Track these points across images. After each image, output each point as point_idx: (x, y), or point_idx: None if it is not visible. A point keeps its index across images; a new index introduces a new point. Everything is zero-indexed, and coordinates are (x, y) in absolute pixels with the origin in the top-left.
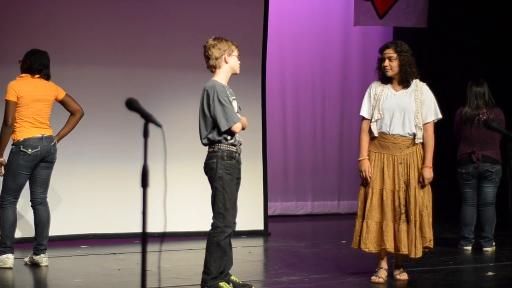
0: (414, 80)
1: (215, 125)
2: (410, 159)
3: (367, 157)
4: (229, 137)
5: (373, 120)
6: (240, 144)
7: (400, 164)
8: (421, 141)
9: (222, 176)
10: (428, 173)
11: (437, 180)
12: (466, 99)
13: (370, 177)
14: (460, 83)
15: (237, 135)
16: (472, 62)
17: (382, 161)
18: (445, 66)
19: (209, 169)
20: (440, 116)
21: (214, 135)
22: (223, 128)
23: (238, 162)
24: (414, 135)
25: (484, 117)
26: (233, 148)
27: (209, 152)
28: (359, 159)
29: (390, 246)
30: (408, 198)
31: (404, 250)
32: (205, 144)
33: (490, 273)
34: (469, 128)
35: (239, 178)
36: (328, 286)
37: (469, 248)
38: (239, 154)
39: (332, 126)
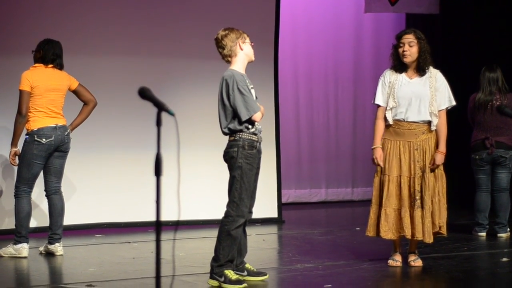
0: (430, 68)
1: (236, 115)
2: (426, 145)
3: (380, 145)
4: (250, 126)
5: (388, 108)
6: (261, 132)
7: (416, 150)
8: (435, 128)
9: (241, 166)
10: (440, 159)
11: (451, 166)
12: (479, 85)
13: (382, 165)
14: (473, 69)
15: (257, 123)
16: (485, 48)
17: (398, 148)
18: (458, 52)
19: (230, 157)
20: (454, 103)
21: (235, 125)
22: (244, 117)
23: (259, 152)
24: (429, 122)
25: (498, 103)
26: (254, 137)
27: (230, 141)
28: (372, 147)
29: (408, 233)
30: (423, 184)
31: (418, 236)
32: (225, 134)
33: (504, 259)
34: (483, 114)
35: (258, 168)
36: (342, 273)
37: (483, 234)
38: (260, 143)
39: (346, 113)
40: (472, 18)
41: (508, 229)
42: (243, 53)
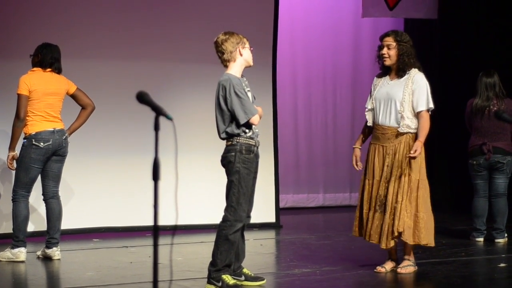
0: (411, 70)
1: (233, 118)
2: (397, 149)
3: (358, 146)
4: (247, 130)
5: (367, 109)
6: (258, 136)
7: (387, 154)
8: (408, 130)
9: (239, 170)
10: (417, 145)
11: (449, 171)
12: (476, 90)
13: (358, 167)
14: (471, 74)
15: (254, 126)
16: (483, 53)
17: (375, 152)
18: (456, 57)
19: (227, 162)
20: (431, 106)
21: (232, 129)
22: (242, 120)
23: (257, 156)
24: (399, 124)
25: (495, 108)
26: (251, 142)
27: (227, 146)
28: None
29: (369, 237)
30: (389, 188)
31: (373, 240)
32: (223, 138)
33: (502, 265)
34: (480, 119)
35: (256, 172)
36: (340, 278)
37: (481, 239)
38: (257, 147)
39: (344, 118)
40: (470, 23)
41: (506, 235)
42: (242, 58)
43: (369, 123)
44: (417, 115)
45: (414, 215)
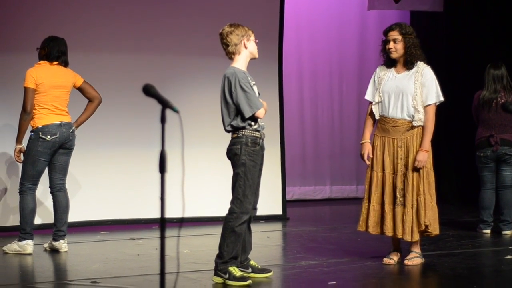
0: (418, 62)
1: (238, 112)
2: (410, 142)
3: (369, 140)
4: (253, 123)
5: (374, 103)
6: (263, 129)
7: (399, 147)
8: (420, 123)
9: (245, 162)
10: (422, 156)
11: (455, 163)
12: (484, 83)
13: (369, 161)
14: (477, 66)
15: (260, 119)
16: (490, 45)
17: (384, 144)
18: (463, 49)
19: (233, 154)
20: (441, 99)
21: (237, 122)
22: (247, 114)
23: (262, 148)
24: (413, 117)
25: (502, 101)
26: (257, 134)
27: (232, 138)
28: (360, 142)
29: (388, 230)
30: (406, 182)
31: (398, 234)
32: (228, 131)
33: (509, 256)
34: (487, 111)
35: (262, 164)
36: (346, 270)
37: (488, 231)
38: (262, 140)
39: (350, 110)
40: (476, 16)
41: None
42: (247, 51)
43: (377, 117)
44: (424, 108)
45: (434, 207)
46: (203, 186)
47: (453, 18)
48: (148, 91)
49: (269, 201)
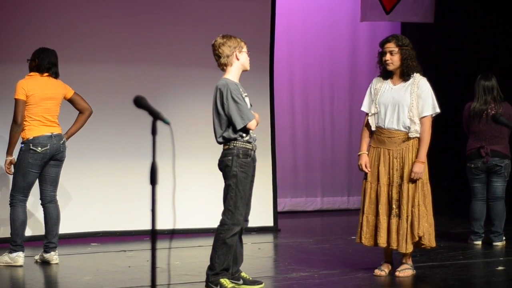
0: (415, 74)
1: (230, 123)
2: (406, 153)
3: (366, 152)
4: (244, 135)
5: (370, 114)
6: (255, 141)
7: (395, 158)
8: (416, 135)
9: (236, 174)
10: (418, 168)
11: (446, 175)
12: (474, 94)
13: (367, 171)
14: (468, 77)
15: (251, 131)
16: (480, 57)
17: (379, 155)
18: (453, 61)
19: (224, 166)
20: (438, 110)
21: (229, 133)
22: (239, 126)
23: (254, 160)
24: (409, 128)
25: (493, 112)
26: (248, 146)
27: (224, 149)
28: (358, 153)
29: (382, 242)
30: (401, 193)
31: (393, 245)
32: (220, 143)
33: (500, 268)
34: (478, 123)
35: (253, 176)
36: (338, 282)
37: (479, 242)
38: (254, 151)
39: (341, 122)
40: (467, 27)
41: (504, 238)
42: (239, 62)
43: (373, 128)
44: (420, 120)
45: (429, 219)
46: (194, 197)
47: (443, 29)
48: (139, 102)
49: (260, 212)
